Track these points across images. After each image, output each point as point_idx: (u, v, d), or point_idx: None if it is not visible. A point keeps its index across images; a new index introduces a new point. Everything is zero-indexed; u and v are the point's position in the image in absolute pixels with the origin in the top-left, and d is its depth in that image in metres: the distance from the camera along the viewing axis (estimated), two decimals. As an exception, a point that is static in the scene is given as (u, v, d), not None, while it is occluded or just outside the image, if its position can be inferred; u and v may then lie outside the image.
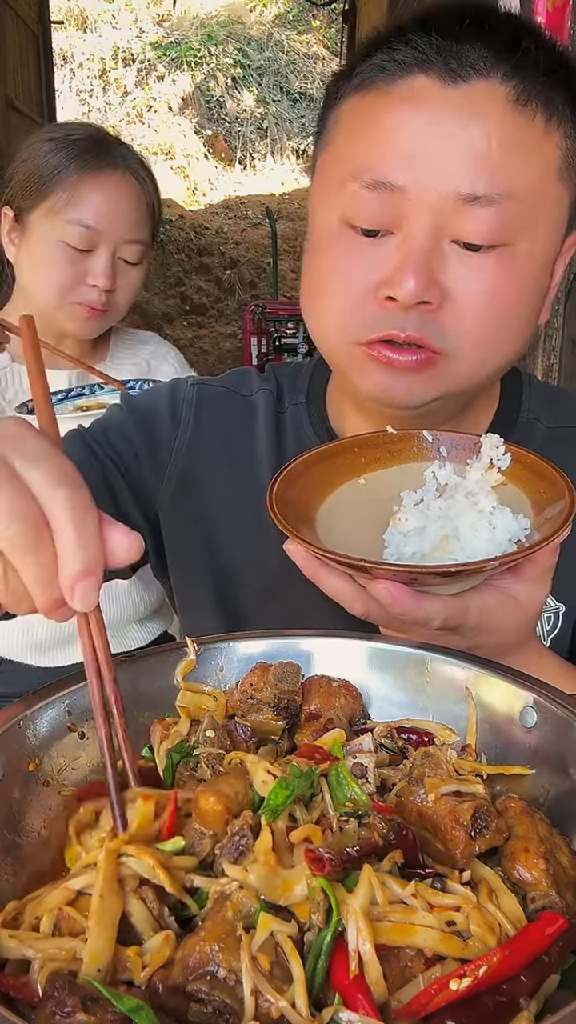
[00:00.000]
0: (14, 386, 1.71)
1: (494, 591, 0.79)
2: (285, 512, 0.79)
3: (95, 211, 1.60)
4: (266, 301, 7.59)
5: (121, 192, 1.63)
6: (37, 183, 1.61)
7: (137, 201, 1.66)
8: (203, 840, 0.59)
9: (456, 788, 0.62)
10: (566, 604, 1.04)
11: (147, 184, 1.69)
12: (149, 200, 1.70)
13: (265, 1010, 0.48)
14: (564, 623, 1.05)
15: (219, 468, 1.09)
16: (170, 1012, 0.49)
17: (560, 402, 1.11)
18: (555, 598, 1.03)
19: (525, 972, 0.50)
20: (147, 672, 0.77)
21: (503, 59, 0.84)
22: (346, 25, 10.48)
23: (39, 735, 0.70)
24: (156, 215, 1.74)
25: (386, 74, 0.85)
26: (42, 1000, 0.48)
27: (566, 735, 0.66)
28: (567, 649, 1.05)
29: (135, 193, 1.66)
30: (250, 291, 10.78)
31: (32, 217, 1.63)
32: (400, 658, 0.78)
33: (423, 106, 0.84)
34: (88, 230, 1.60)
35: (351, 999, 0.49)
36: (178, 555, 1.12)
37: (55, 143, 1.62)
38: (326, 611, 1.01)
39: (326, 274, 0.91)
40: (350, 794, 0.63)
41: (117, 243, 1.63)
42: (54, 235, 1.61)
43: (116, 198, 1.63)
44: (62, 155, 1.60)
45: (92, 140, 1.64)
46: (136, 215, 1.66)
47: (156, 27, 15.14)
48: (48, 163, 1.60)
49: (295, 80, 15.02)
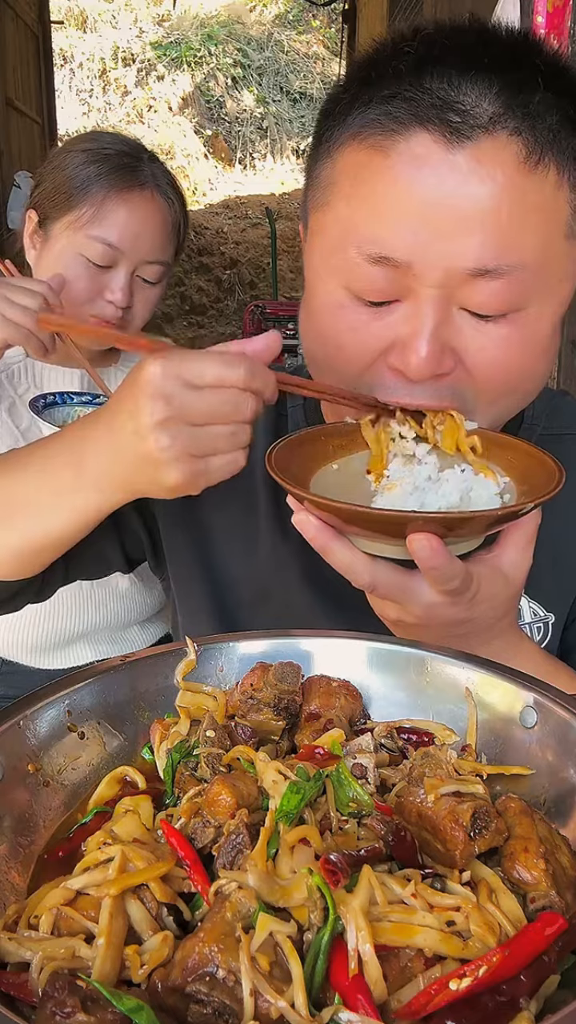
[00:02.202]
0: (26, 380, 1.71)
1: (485, 563, 0.81)
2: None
3: (119, 230, 1.59)
4: (266, 301, 7.58)
5: (148, 213, 1.62)
6: (64, 194, 1.60)
7: (163, 222, 1.65)
8: (206, 830, 0.60)
9: (456, 788, 0.62)
10: (555, 615, 1.04)
11: (174, 204, 1.67)
12: (175, 221, 1.68)
13: (264, 1010, 0.48)
14: (554, 633, 1.05)
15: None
16: (170, 1012, 0.49)
17: (557, 408, 1.11)
18: (544, 608, 1.03)
19: (525, 972, 0.50)
20: (147, 672, 0.77)
21: (510, 108, 0.76)
22: (346, 25, 10.48)
23: (39, 735, 0.70)
24: (181, 235, 1.72)
25: (384, 129, 0.79)
26: (42, 1000, 0.48)
27: (566, 735, 0.66)
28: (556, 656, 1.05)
29: (161, 214, 1.64)
30: (250, 291, 10.78)
31: (56, 226, 1.62)
32: (400, 658, 0.78)
33: (426, 173, 0.77)
34: (110, 248, 1.59)
35: (351, 999, 0.49)
36: (174, 555, 1.12)
37: (87, 155, 1.61)
38: (318, 615, 1.01)
39: (333, 345, 0.89)
40: (352, 794, 0.63)
41: (138, 263, 1.62)
42: (75, 248, 1.60)
43: (142, 220, 1.61)
44: (92, 169, 1.59)
45: (124, 156, 1.62)
46: (160, 236, 1.65)
47: (156, 27, 15.14)
48: (78, 175, 1.59)
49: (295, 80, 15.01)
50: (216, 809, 0.60)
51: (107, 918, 0.53)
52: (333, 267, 0.85)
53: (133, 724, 0.76)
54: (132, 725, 0.76)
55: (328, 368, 0.92)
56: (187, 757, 0.69)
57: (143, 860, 0.56)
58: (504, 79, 0.77)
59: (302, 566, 0.83)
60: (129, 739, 0.75)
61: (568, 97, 0.80)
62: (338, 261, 0.84)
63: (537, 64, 0.79)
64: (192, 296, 10.68)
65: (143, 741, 0.75)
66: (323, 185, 0.87)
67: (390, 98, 0.78)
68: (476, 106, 0.76)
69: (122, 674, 0.76)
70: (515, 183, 0.77)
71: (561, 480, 0.77)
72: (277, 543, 0.84)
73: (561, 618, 1.05)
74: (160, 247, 1.65)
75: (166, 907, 0.56)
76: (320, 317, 0.89)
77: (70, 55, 14.64)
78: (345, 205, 0.83)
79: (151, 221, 1.63)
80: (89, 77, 14.76)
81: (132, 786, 0.70)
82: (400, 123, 0.78)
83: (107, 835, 0.61)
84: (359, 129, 0.81)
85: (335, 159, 0.85)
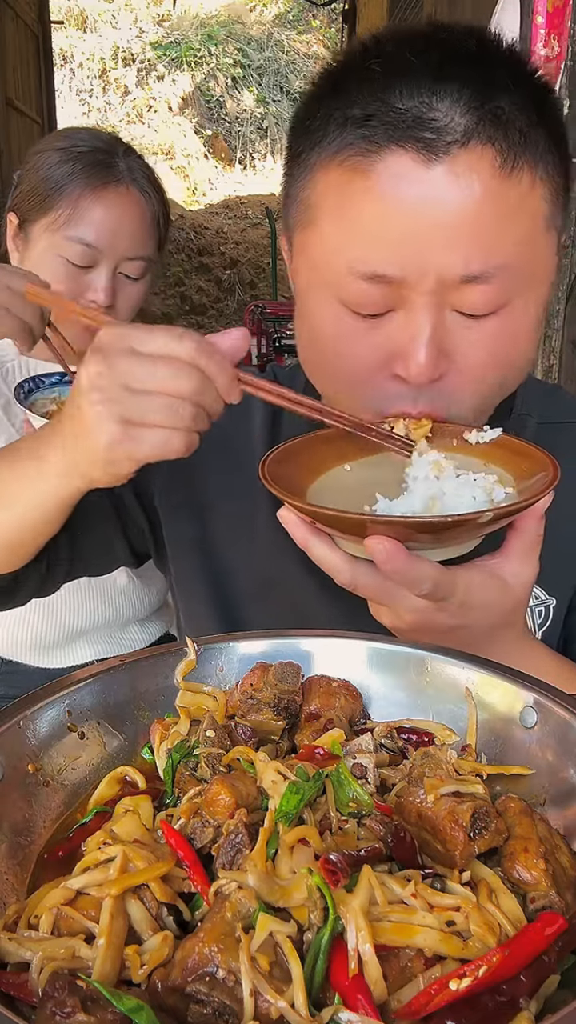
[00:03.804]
0: (21, 377, 1.70)
1: (480, 569, 0.80)
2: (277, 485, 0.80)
3: (96, 228, 1.57)
4: (266, 302, 7.59)
5: (124, 209, 1.59)
6: (40, 195, 1.58)
7: (141, 217, 1.62)
8: (205, 830, 0.60)
9: (455, 788, 0.62)
10: (557, 598, 1.05)
11: (152, 198, 1.64)
12: (154, 214, 1.65)
13: (264, 1010, 0.48)
14: (555, 616, 1.05)
15: (215, 466, 1.10)
16: (170, 1012, 0.49)
17: (553, 398, 1.12)
18: (545, 591, 1.04)
19: (525, 972, 0.50)
20: (147, 672, 0.77)
21: (481, 120, 0.78)
22: (346, 25, 10.49)
23: (39, 735, 0.70)
24: (162, 229, 1.69)
25: (362, 151, 0.80)
26: (42, 1000, 0.48)
27: (566, 735, 0.66)
28: (558, 643, 1.05)
29: (139, 209, 1.62)
30: (250, 291, 10.79)
31: (35, 229, 1.61)
32: (400, 658, 0.78)
33: (407, 191, 0.79)
34: (88, 248, 1.57)
35: (351, 999, 0.49)
36: (176, 551, 1.13)
37: (61, 155, 1.58)
38: (320, 606, 1.02)
39: (332, 356, 0.90)
40: (352, 795, 0.63)
41: (118, 260, 1.60)
42: (54, 250, 1.58)
43: (119, 216, 1.59)
44: (66, 168, 1.57)
45: (98, 153, 1.59)
46: (139, 232, 1.62)
47: (156, 27, 15.14)
48: (52, 175, 1.57)
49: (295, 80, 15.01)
50: (215, 809, 0.60)
51: (107, 918, 0.53)
52: (324, 282, 0.87)
53: (133, 724, 0.76)
54: (132, 725, 0.76)
55: (326, 374, 0.93)
56: (187, 757, 0.69)
57: (143, 860, 0.56)
58: (472, 86, 0.78)
59: (302, 555, 0.84)
60: (129, 739, 0.75)
61: (530, 88, 0.82)
62: (329, 277, 0.86)
63: (499, 60, 0.81)
64: (192, 296, 10.68)
65: (143, 741, 0.75)
66: (305, 205, 0.88)
67: (364, 120, 0.80)
68: (449, 120, 0.78)
69: (122, 674, 0.76)
70: (492, 190, 0.79)
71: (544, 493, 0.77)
72: (278, 532, 0.85)
73: (563, 602, 1.05)
74: (140, 242, 1.63)
75: (166, 907, 0.56)
76: (314, 327, 0.90)
77: (70, 55, 14.65)
78: (330, 224, 0.85)
79: (128, 217, 1.60)
80: (89, 77, 14.76)
81: (132, 786, 0.70)
82: (377, 144, 0.80)
83: (107, 835, 0.61)
84: (336, 152, 0.83)
85: (315, 179, 0.86)
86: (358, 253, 0.82)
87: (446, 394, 0.87)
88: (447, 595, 0.77)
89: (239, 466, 1.08)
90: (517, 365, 0.90)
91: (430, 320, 0.82)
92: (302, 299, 0.93)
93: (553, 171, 0.83)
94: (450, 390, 0.87)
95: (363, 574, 0.77)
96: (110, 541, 1.11)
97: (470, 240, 0.79)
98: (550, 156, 0.83)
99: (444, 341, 0.84)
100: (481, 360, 0.86)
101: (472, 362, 0.86)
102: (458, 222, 0.79)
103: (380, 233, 0.81)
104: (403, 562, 0.73)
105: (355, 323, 0.86)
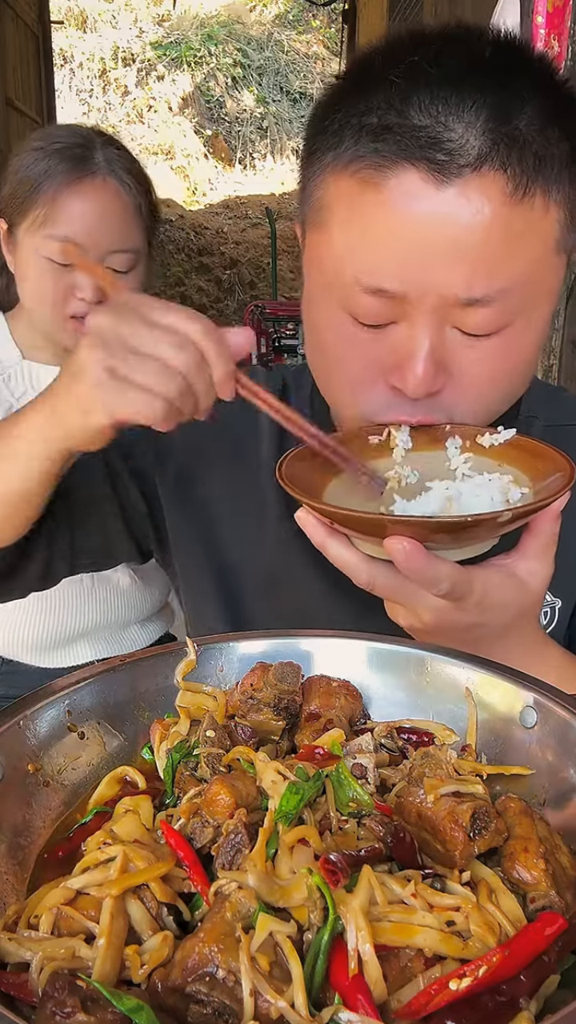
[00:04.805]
0: (23, 383, 1.70)
1: (497, 568, 0.80)
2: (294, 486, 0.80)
3: (75, 225, 1.53)
4: (266, 302, 7.59)
5: (103, 201, 1.56)
6: (20, 197, 1.56)
7: (122, 208, 1.58)
8: (205, 830, 0.60)
9: (455, 788, 0.62)
10: (562, 599, 1.05)
11: (133, 188, 1.60)
12: (136, 203, 1.61)
13: (264, 1010, 0.48)
14: (561, 618, 1.05)
15: (221, 463, 1.10)
16: (170, 1012, 0.49)
17: (558, 400, 1.12)
18: (551, 593, 1.04)
19: (525, 972, 0.50)
20: (147, 672, 0.78)
21: (496, 145, 0.77)
22: (346, 25, 10.48)
23: (39, 735, 0.70)
24: (147, 218, 1.65)
25: (374, 165, 0.80)
26: (42, 1000, 0.48)
27: (566, 735, 0.66)
28: (563, 644, 1.06)
29: (120, 199, 1.58)
30: (250, 291, 10.79)
31: (20, 231, 1.59)
32: (400, 658, 0.78)
33: (418, 209, 0.79)
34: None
35: (351, 999, 0.49)
36: (180, 547, 1.13)
37: (38, 154, 1.56)
38: (328, 605, 1.02)
39: (333, 360, 0.91)
40: (352, 795, 0.63)
41: (103, 254, 1.56)
42: (37, 250, 1.55)
43: (98, 210, 1.55)
44: (43, 166, 1.54)
45: (74, 148, 1.56)
46: (122, 223, 1.58)
47: (156, 27, 15.14)
48: (29, 175, 1.55)
49: (295, 80, 15.02)
50: (214, 809, 0.60)
51: (107, 918, 0.53)
52: (330, 288, 0.87)
53: (133, 724, 0.76)
54: (132, 725, 0.76)
55: (327, 377, 0.94)
56: (187, 757, 0.69)
57: (144, 860, 0.56)
58: (491, 103, 0.78)
59: (310, 552, 0.84)
60: (129, 739, 0.75)
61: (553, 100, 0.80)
62: (335, 284, 0.86)
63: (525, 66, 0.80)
64: (192, 296, 10.68)
65: (143, 741, 0.75)
66: (318, 205, 0.89)
67: (380, 132, 0.80)
68: (464, 143, 0.77)
69: (122, 674, 0.76)
70: (502, 215, 0.78)
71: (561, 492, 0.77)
72: (285, 528, 0.85)
73: (569, 602, 1.06)
74: (124, 234, 1.58)
75: (166, 907, 0.56)
76: (318, 330, 0.91)
77: (70, 55, 14.65)
78: (340, 233, 0.85)
79: (108, 209, 1.56)
80: (89, 77, 14.76)
81: (132, 786, 0.70)
82: (390, 160, 0.79)
83: (107, 835, 0.61)
84: (350, 162, 0.82)
85: (327, 184, 0.86)
86: (364, 265, 0.82)
87: (444, 407, 0.88)
88: (465, 594, 0.77)
89: (247, 463, 1.09)
90: (517, 381, 0.91)
91: (429, 336, 0.83)
92: (309, 296, 0.93)
93: (570, 190, 0.82)
94: (448, 403, 0.87)
95: (381, 574, 0.78)
96: (111, 533, 1.11)
97: (475, 264, 0.79)
98: (566, 172, 0.81)
99: (443, 357, 0.84)
100: (481, 377, 0.86)
101: (471, 379, 0.86)
102: (464, 245, 0.79)
103: (386, 248, 0.81)
104: (422, 562, 0.73)
105: (357, 331, 0.86)
